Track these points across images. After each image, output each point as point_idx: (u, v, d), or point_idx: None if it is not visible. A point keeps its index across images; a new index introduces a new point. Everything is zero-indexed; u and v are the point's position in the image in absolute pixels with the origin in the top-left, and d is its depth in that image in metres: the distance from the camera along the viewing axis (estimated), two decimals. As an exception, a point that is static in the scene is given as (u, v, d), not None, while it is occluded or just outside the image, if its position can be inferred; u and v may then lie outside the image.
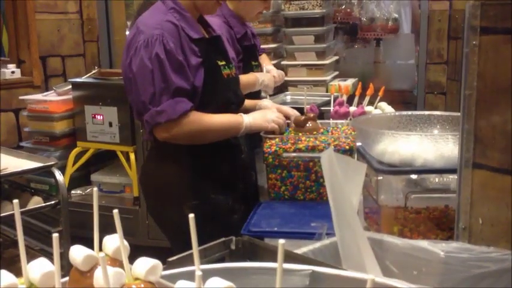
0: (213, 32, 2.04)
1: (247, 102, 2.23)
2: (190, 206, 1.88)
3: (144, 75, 1.79)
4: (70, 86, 3.59)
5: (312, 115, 2.10)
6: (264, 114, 2.02)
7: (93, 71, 3.77)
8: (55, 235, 0.58)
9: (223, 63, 1.99)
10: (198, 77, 1.86)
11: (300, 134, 2.00)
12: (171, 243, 2.05)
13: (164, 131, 1.83)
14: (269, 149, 1.92)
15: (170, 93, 1.79)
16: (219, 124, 1.92)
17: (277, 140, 1.94)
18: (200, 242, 0.73)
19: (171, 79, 1.78)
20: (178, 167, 1.94)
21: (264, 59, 2.91)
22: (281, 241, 0.54)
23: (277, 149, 1.92)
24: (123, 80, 1.92)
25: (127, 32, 4.45)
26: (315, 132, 2.01)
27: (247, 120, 1.95)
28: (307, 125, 2.06)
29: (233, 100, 2.04)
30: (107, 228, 0.72)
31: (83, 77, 3.69)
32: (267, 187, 1.97)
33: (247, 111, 2.08)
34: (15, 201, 0.64)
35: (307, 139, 1.93)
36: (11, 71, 3.83)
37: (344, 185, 1.04)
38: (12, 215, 0.63)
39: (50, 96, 3.63)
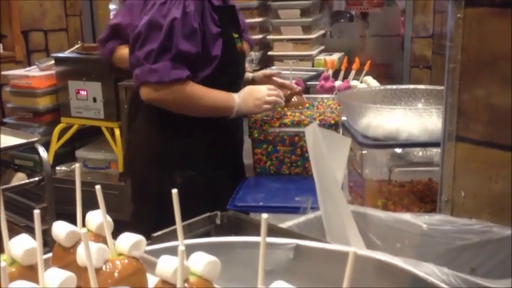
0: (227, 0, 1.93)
1: None
2: (183, 174, 1.84)
3: (151, 31, 1.72)
4: (53, 61, 3.54)
5: (297, 89, 2.09)
6: (254, 93, 1.86)
7: (76, 46, 3.71)
8: (36, 211, 0.58)
9: (237, 35, 1.91)
10: (216, 46, 1.79)
11: (286, 108, 2.00)
12: (153, 213, 1.98)
13: (151, 91, 1.75)
14: (254, 124, 1.92)
15: (171, 55, 1.71)
16: (209, 102, 1.82)
17: (262, 114, 1.93)
18: (187, 214, 0.73)
19: (176, 42, 1.70)
20: (178, 133, 1.88)
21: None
22: (264, 215, 0.54)
23: (263, 124, 1.91)
24: (130, 39, 1.83)
25: (111, 6, 4.38)
26: (300, 107, 2.01)
27: (237, 101, 1.84)
28: (293, 99, 2.05)
29: (241, 76, 1.98)
30: (93, 204, 0.72)
31: (66, 52, 3.63)
32: (253, 162, 1.97)
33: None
34: (-4, 178, 0.64)
35: (293, 114, 1.93)
36: (-7, 46, 3.77)
37: (328, 159, 1.05)
38: (-5, 192, 0.62)
39: (33, 71, 3.58)
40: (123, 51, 1.96)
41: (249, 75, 2.14)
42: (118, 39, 2.00)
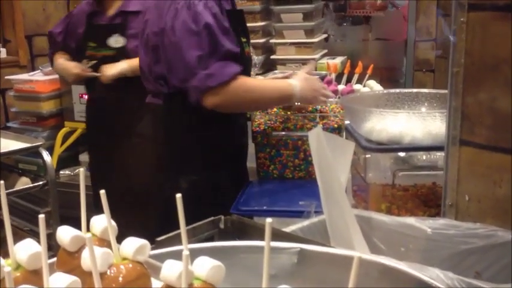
0: (234, 5, 1.92)
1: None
2: (187, 179, 1.82)
3: (188, 39, 1.69)
4: (56, 66, 3.55)
5: None
6: (311, 83, 1.86)
7: (80, 50, 3.72)
8: (41, 216, 0.58)
9: (245, 40, 1.90)
10: None
11: (289, 112, 2.00)
12: (157, 217, 1.97)
13: (215, 96, 1.71)
14: (258, 128, 1.92)
15: (219, 56, 1.69)
16: (270, 91, 1.81)
17: (265, 118, 1.93)
18: (190, 219, 0.73)
19: (220, 43, 1.69)
20: (183, 138, 1.86)
21: None
22: (268, 220, 0.54)
23: (266, 127, 1.91)
24: (149, 48, 1.83)
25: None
26: (303, 111, 2.01)
27: (297, 89, 1.81)
28: (296, 103, 2.05)
29: None
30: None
31: (70, 56, 3.64)
32: (256, 166, 1.97)
33: None
34: (1, 182, 0.64)
35: (296, 118, 1.93)
36: (-4, 51, 3.78)
37: (332, 163, 1.05)
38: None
39: (37, 76, 3.59)
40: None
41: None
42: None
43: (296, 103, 1.89)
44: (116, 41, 2.68)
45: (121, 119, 2.55)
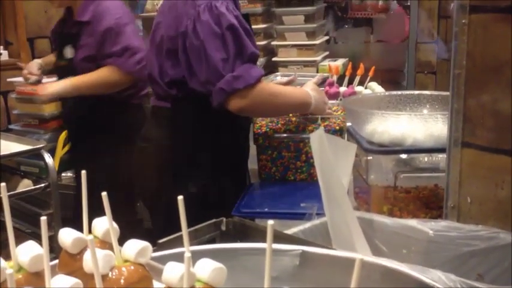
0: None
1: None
2: (189, 182, 1.82)
3: (213, 40, 1.68)
4: (58, 68, 3.56)
5: None
6: (321, 94, 1.91)
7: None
8: (43, 218, 0.58)
9: None
10: None
11: (290, 114, 2.00)
12: (159, 219, 1.97)
13: (241, 99, 1.70)
14: (259, 130, 1.92)
15: (244, 58, 1.69)
16: (291, 97, 1.83)
17: (267, 120, 1.94)
18: (192, 221, 0.73)
19: (245, 45, 1.69)
20: (186, 141, 1.86)
21: None
22: (270, 222, 0.54)
23: (268, 129, 1.91)
24: (162, 52, 1.81)
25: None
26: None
27: (313, 99, 1.84)
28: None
29: None
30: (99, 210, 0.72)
31: (71, 59, 3.65)
32: (258, 168, 1.97)
33: None
34: (3, 184, 0.64)
35: (297, 120, 1.93)
36: (-1, 53, 3.79)
37: (334, 165, 1.05)
38: (0, 198, 0.63)
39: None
40: None
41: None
42: None
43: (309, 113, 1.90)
44: (68, 51, 2.68)
45: (123, 121, 2.56)
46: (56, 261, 0.70)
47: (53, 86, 2.65)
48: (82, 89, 2.60)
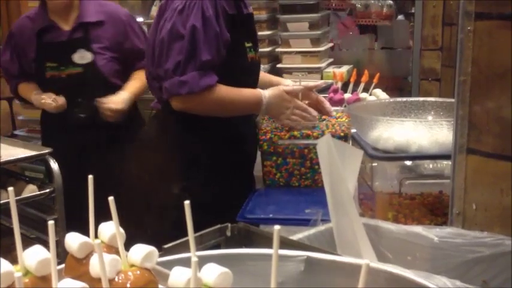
0: (244, 7, 1.91)
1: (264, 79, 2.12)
2: (193, 186, 1.83)
3: (173, 41, 1.72)
4: (63, 74, 3.56)
5: (307, 102, 2.09)
6: (282, 101, 1.85)
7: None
8: (50, 222, 0.58)
9: (250, 45, 1.90)
10: (227, 53, 1.79)
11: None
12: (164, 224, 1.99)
13: (183, 102, 1.77)
14: (264, 136, 1.92)
15: (197, 65, 1.71)
16: (238, 101, 1.83)
17: (272, 126, 1.94)
18: (196, 226, 0.73)
19: (201, 51, 1.71)
20: (192, 145, 1.88)
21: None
22: (276, 227, 0.54)
23: (272, 136, 1.92)
24: (146, 46, 1.89)
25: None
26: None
27: (265, 101, 1.83)
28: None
29: (251, 87, 1.94)
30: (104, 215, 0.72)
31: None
32: (262, 174, 1.97)
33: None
34: (10, 189, 0.64)
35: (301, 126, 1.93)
36: (4, 59, 3.80)
37: (341, 171, 1.05)
38: (7, 203, 0.63)
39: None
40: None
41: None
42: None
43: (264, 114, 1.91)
44: (81, 56, 2.47)
45: (125, 125, 2.55)
46: (62, 265, 0.70)
47: (121, 97, 2.46)
48: (137, 95, 2.55)
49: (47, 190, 2.33)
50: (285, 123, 1.88)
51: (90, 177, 0.70)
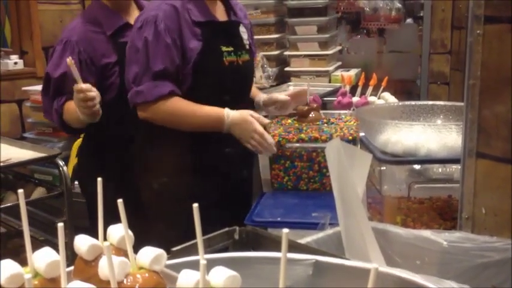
0: (233, 15, 2.00)
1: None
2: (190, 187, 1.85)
3: (132, 54, 1.85)
4: (73, 77, 3.58)
5: (315, 105, 2.09)
6: (244, 123, 1.83)
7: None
8: (60, 224, 0.58)
9: (230, 49, 1.93)
10: (194, 59, 1.84)
11: (303, 124, 2.00)
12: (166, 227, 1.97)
13: (142, 111, 1.86)
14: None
15: (150, 75, 1.81)
16: (197, 114, 1.85)
17: (280, 130, 1.94)
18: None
19: (153, 62, 1.81)
20: (189, 148, 1.92)
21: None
22: (285, 230, 0.54)
23: (281, 139, 1.92)
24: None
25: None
26: (317, 123, 2.01)
27: (228, 121, 1.82)
28: (310, 115, 2.06)
29: (229, 89, 1.94)
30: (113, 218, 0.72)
31: (86, 68, 3.67)
32: (270, 178, 1.97)
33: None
34: (20, 191, 0.65)
35: (310, 129, 1.93)
36: (14, 62, 3.83)
37: (349, 174, 1.04)
38: (17, 205, 0.63)
39: (53, 87, 3.62)
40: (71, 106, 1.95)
41: (260, 98, 2.12)
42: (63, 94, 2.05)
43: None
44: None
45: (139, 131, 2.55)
46: (71, 268, 0.70)
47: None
48: None
49: (56, 192, 2.35)
50: (247, 146, 1.85)
51: (99, 179, 0.70)
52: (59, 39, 2.19)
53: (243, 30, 2.02)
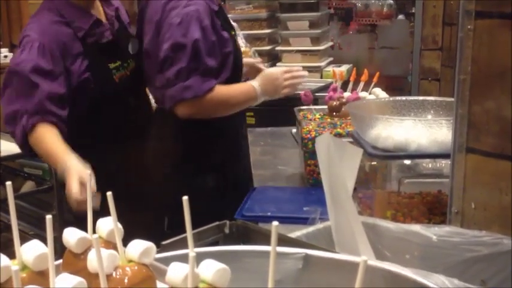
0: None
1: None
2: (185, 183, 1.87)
3: (176, 52, 1.80)
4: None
5: (344, 100, 2.09)
6: (272, 79, 1.97)
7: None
8: (48, 216, 0.58)
9: (233, 32, 2.01)
10: (228, 48, 1.90)
11: (336, 118, 1.98)
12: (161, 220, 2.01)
13: (188, 107, 1.84)
14: (308, 135, 1.87)
15: (199, 71, 1.81)
16: (237, 98, 1.93)
17: (313, 125, 1.91)
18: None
19: (204, 60, 1.81)
20: (183, 141, 1.95)
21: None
22: (274, 223, 0.54)
23: (317, 134, 1.87)
24: (144, 56, 1.93)
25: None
26: (349, 117, 1.98)
27: (258, 90, 1.94)
28: (343, 108, 2.04)
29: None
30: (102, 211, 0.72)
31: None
32: (305, 173, 1.94)
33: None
34: (8, 183, 0.64)
35: (345, 123, 1.92)
36: (4, 55, 3.81)
37: (340, 169, 1.04)
38: (6, 199, 0.63)
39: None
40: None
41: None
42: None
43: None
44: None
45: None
46: (60, 261, 0.70)
47: None
48: None
49: (45, 186, 2.34)
50: (286, 93, 1.99)
51: (88, 172, 0.70)
52: (27, 33, 1.95)
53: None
